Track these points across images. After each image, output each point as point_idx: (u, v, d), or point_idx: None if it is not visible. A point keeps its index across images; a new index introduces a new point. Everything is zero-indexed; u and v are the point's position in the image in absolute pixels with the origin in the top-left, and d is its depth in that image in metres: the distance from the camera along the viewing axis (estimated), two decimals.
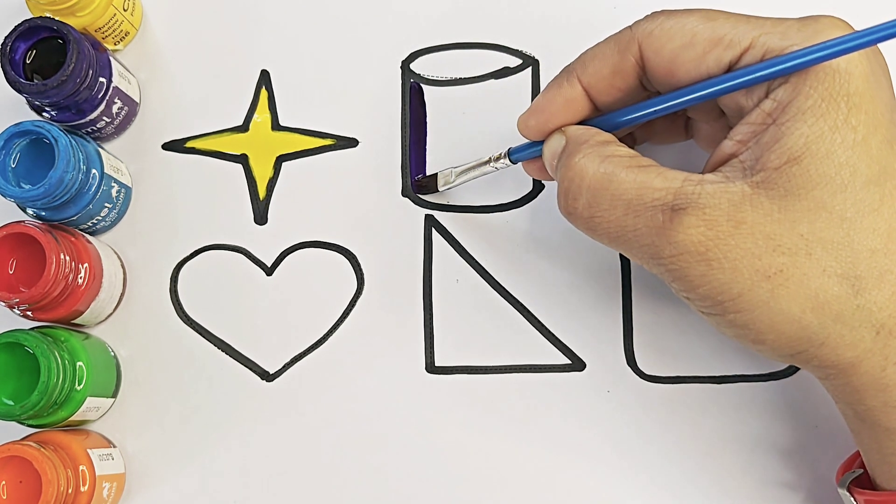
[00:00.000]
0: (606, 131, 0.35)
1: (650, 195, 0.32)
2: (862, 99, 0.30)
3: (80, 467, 0.39)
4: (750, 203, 0.31)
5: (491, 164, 0.39)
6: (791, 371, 0.41)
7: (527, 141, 0.37)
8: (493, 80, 0.44)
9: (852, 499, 0.35)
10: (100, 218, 0.42)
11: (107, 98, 0.42)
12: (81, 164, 0.40)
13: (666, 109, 0.33)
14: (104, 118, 0.43)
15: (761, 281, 0.31)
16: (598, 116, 0.36)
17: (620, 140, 0.35)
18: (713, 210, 0.31)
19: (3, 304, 0.39)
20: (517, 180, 0.43)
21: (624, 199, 0.32)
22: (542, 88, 0.44)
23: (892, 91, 0.32)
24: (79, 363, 0.39)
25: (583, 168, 0.33)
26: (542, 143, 0.36)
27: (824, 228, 0.30)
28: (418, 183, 0.43)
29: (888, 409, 0.32)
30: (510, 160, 0.38)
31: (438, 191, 0.43)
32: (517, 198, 0.43)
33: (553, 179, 0.37)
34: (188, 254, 0.44)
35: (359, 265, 0.43)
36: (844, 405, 0.34)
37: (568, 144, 0.35)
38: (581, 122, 0.36)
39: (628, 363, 0.42)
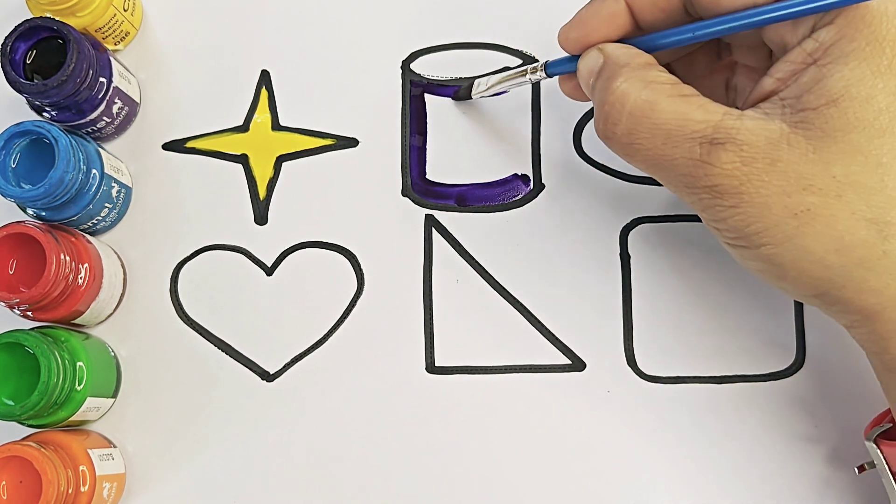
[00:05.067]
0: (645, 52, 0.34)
1: (690, 127, 0.32)
2: None
3: (81, 467, 0.39)
4: (787, 142, 0.31)
5: (527, 77, 0.39)
6: (791, 371, 0.41)
7: (566, 55, 0.37)
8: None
9: (879, 451, 0.35)
10: (100, 218, 0.42)
11: (107, 98, 0.42)
12: (81, 164, 0.40)
13: (707, 35, 0.33)
14: (104, 118, 0.43)
15: (788, 218, 0.31)
16: (638, 36, 0.35)
17: None
18: (750, 147, 0.31)
19: (4, 304, 0.39)
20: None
21: (664, 129, 0.32)
22: (541, 87, 0.44)
23: None
24: (79, 363, 0.39)
25: (624, 93, 0.33)
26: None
27: (858, 172, 0.30)
28: (455, 92, 0.44)
29: None
30: (546, 73, 0.38)
31: (472, 98, 0.43)
32: (518, 197, 0.43)
33: (587, 99, 0.36)
34: (188, 254, 0.44)
35: (359, 265, 0.43)
36: (872, 355, 0.34)
37: (607, 65, 0.34)
38: (620, 40, 0.35)
39: (628, 363, 0.42)
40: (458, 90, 0.44)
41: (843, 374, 0.41)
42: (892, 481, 0.35)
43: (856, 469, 0.37)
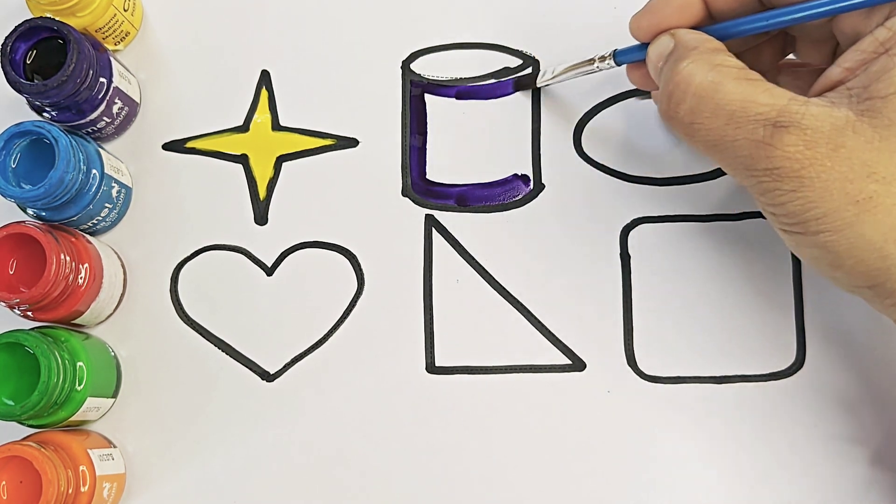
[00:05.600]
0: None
1: (755, 109, 0.32)
2: None
3: (81, 467, 0.39)
4: (853, 129, 0.31)
5: (595, 65, 0.39)
6: (791, 371, 0.41)
7: (635, 44, 0.37)
8: (493, 80, 0.44)
9: None
10: (100, 218, 0.42)
11: (107, 98, 0.42)
12: (81, 164, 0.40)
13: (781, 24, 0.33)
14: (104, 118, 0.43)
15: (849, 205, 0.31)
16: (710, 25, 0.35)
17: None
18: (814, 132, 0.31)
19: (4, 304, 0.39)
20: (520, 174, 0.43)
21: (728, 110, 0.32)
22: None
23: None
24: (79, 363, 0.39)
25: (690, 74, 0.33)
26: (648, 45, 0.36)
27: None
28: (517, 80, 0.43)
29: None
30: (615, 62, 0.38)
31: (536, 86, 0.43)
32: (518, 197, 0.43)
33: (655, 88, 0.36)
34: (188, 254, 0.44)
35: (359, 265, 0.43)
36: None
37: (676, 48, 0.34)
38: (692, 28, 0.35)
39: (628, 363, 0.42)
40: (521, 79, 0.43)
41: (843, 375, 0.41)
42: None
43: None
